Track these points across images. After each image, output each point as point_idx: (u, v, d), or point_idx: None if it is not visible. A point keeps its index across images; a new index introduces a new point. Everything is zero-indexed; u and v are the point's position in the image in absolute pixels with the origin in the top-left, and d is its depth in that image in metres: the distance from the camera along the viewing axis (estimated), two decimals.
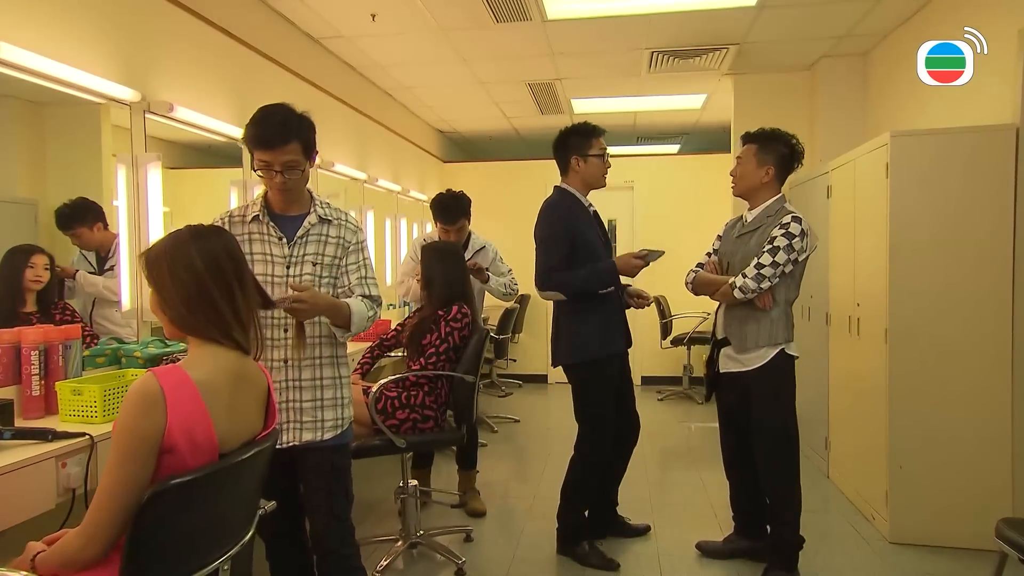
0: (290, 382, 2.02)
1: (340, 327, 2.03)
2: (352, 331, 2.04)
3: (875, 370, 3.29)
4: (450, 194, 3.69)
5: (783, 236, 2.63)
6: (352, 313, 2.01)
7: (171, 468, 1.32)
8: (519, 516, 3.59)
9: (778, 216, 2.72)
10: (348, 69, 4.99)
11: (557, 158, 2.98)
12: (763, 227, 2.74)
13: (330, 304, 1.98)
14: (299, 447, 2.03)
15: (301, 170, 1.97)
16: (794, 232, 2.63)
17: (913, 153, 3.09)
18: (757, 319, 2.71)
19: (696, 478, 4.14)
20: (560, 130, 3.00)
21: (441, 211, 3.65)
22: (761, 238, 2.70)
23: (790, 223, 2.64)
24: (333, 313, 1.99)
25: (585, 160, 2.90)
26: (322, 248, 2.07)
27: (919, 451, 3.09)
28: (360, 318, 2.03)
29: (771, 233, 2.66)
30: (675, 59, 4.94)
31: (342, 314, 2.00)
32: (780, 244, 2.62)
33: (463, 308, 3.05)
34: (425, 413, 2.90)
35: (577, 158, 2.90)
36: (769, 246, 2.64)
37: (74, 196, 2.58)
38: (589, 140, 2.91)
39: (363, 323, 2.05)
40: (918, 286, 3.09)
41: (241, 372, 1.50)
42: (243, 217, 2.07)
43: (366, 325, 2.09)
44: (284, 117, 1.93)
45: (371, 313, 2.09)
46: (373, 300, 2.12)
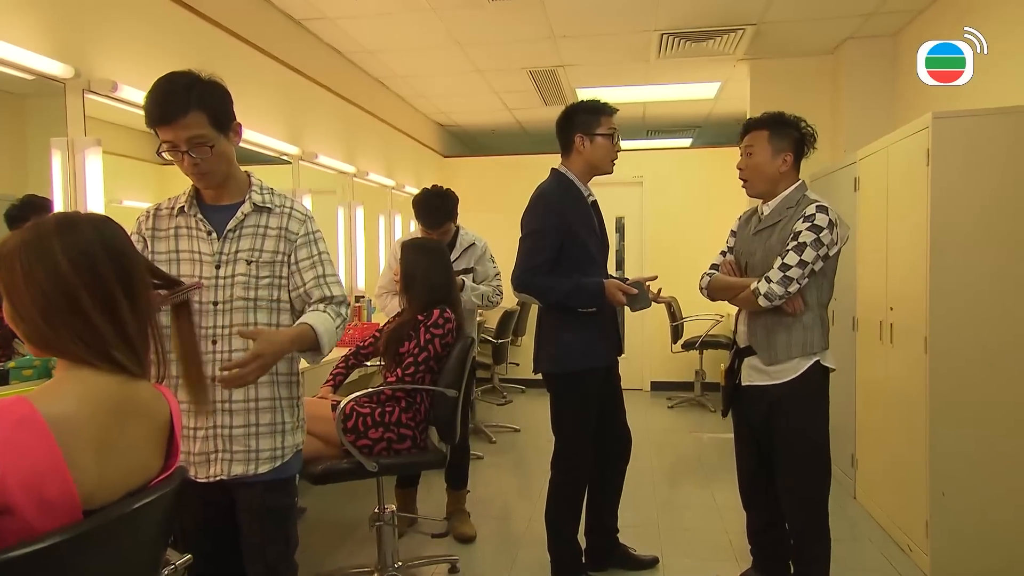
0: (219, 404, 1.68)
1: (310, 350, 1.71)
2: (325, 352, 1.72)
3: (912, 382, 2.92)
4: (435, 191, 3.32)
5: (809, 230, 2.26)
6: (319, 333, 1.67)
7: (11, 536, 0.99)
8: (512, 541, 3.25)
9: (800, 207, 2.35)
10: (334, 54, 4.66)
11: (560, 137, 2.65)
12: (784, 220, 2.37)
13: (294, 337, 1.66)
14: (228, 482, 1.70)
15: (211, 146, 1.62)
16: (821, 224, 2.26)
17: (959, 137, 2.72)
18: (788, 326, 2.34)
19: (709, 498, 3.78)
20: (566, 105, 2.67)
21: (424, 213, 3.27)
22: (783, 234, 2.33)
23: (815, 214, 2.27)
24: (299, 346, 1.68)
25: (591, 140, 2.57)
26: (259, 243, 1.73)
27: (965, 476, 2.71)
28: (330, 335, 1.71)
29: (794, 227, 2.29)
30: (687, 42, 4.58)
31: (308, 340, 1.67)
32: (806, 240, 2.26)
33: (446, 312, 2.71)
34: (401, 432, 2.56)
35: (582, 137, 2.57)
36: (794, 243, 2.27)
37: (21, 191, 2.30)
38: (598, 118, 2.58)
39: (333, 338, 1.73)
40: (963, 288, 2.72)
41: (125, 401, 1.17)
42: (171, 209, 1.75)
43: (336, 338, 1.76)
44: (181, 84, 1.59)
45: (338, 322, 1.76)
46: (336, 303, 1.78)
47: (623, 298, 2.48)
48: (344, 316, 1.79)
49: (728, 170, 6.23)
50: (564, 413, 2.63)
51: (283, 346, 1.63)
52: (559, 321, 2.59)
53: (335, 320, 1.75)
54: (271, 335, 1.64)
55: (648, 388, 6.87)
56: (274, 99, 3.87)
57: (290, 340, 1.65)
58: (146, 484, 1.21)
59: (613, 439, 2.80)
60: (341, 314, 1.78)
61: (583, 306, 2.54)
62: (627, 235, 7.00)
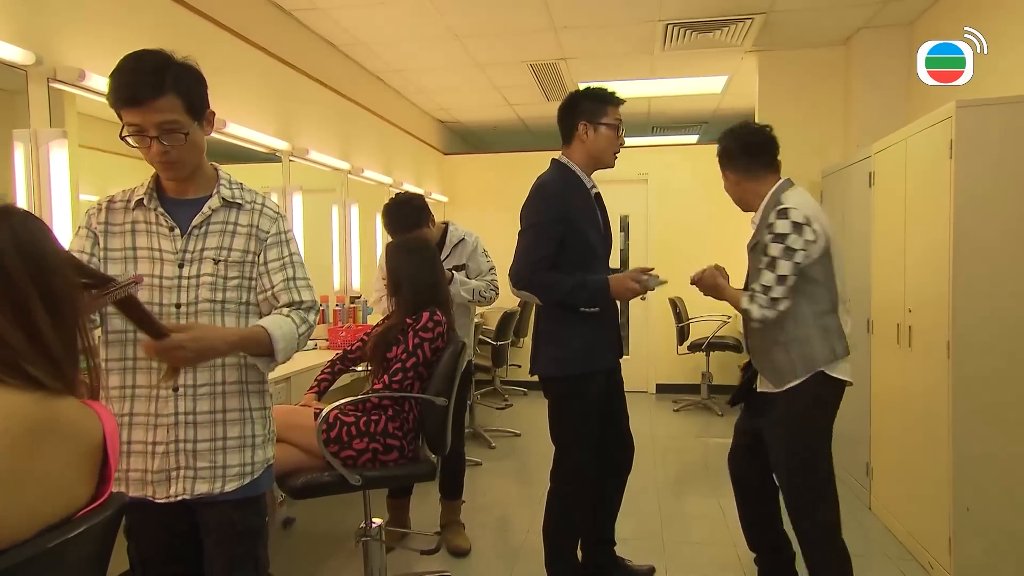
0: (182, 416, 1.52)
1: (263, 355, 1.54)
2: (280, 359, 1.55)
3: (933, 389, 2.74)
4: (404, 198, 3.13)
5: (774, 242, 2.11)
6: (274, 338, 1.51)
7: None
8: (509, 555, 3.09)
9: (766, 213, 2.20)
10: (327, 46, 4.50)
11: (562, 124, 2.51)
12: (761, 230, 2.22)
13: (236, 340, 1.50)
14: (191, 501, 1.54)
15: (185, 133, 1.46)
16: (783, 231, 2.09)
17: (985, 127, 2.54)
18: (783, 345, 2.18)
19: (715, 508, 3.61)
20: (570, 92, 2.52)
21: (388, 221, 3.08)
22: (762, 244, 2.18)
23: (775, 222, 2.12)
24: (244, 348, 1.52)
25: (595, 129, 2.43)
26: (227, 241, 1.57)
27: (991, 489, 2.54)
28: (288, 341, 1.54)
29: (764, 241, 2.15)
30: (693, 33, 4.40)
31: (258, 342, 1.51)
32: (775, 253, 2.10)
33: (436, 315, 2.55)
34: (388, 442, 2.40)
35: (586, 124, 2.43)
36: (766, 259, 2.12)
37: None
38: (604, 107, 2.45)
39: (292, 344, 1.56)
40: (989, 288, 2.54)
41: (43, 422, 1.01)
42: (126, 202, 1.59)
43: (298, 345, 1.59)
44: (155, 63, 1.43)
45: (303, 328, 1.60)
46: (304, 308, 1.62)
47: (635, 287, 2.35)
48: (311, 323, 1.63)
49: None
50: (565, 420, 2.45)
51: (226, 338, 1.47)
52: (561, 320, 2.42)
53: (299, 326, 1.59)
54: (203, 326, 1.49)
55: (653, 391, 6.69)
56: (262, 92, 3.72)
57: (238, 337, 1.50)
58: (71, 516, 1.05)
59: (616, 448, 2.63)
60: (308, 320, 1.62)
61: (586, 305, 2.39)
62: (632, 234, 6.82)
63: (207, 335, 1.42)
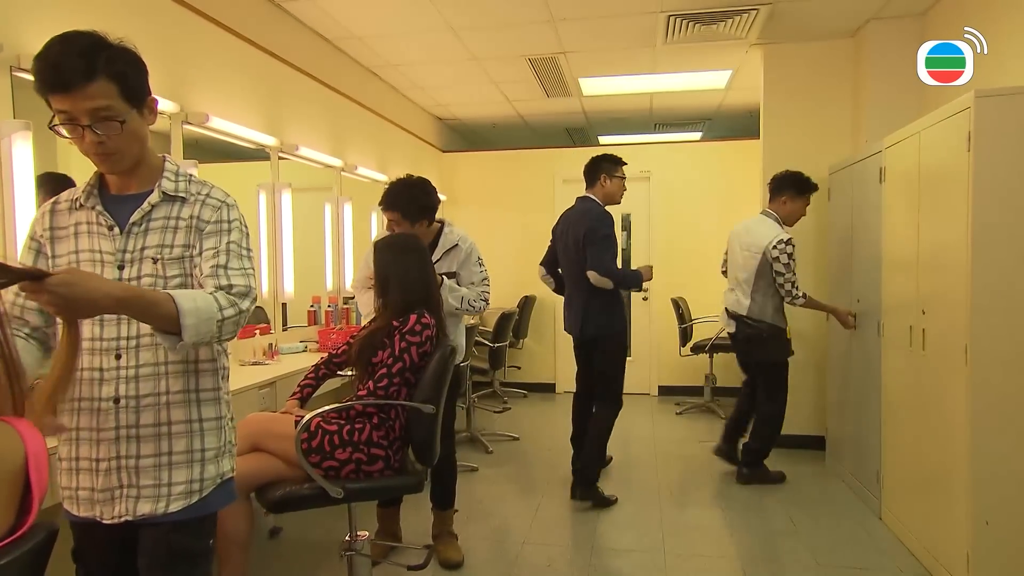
0: (123, 430, 1.39)
1: (168, 332, 1.29)
2: (188, 338, 1.28)
3: (949, 395, 2.60)
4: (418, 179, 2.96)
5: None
6: (183, 310, 1.26)
7: None
8: (503, 567, 2.95)
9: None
10: (319, 40, 4.37)
11: (588, 175, 3.70)
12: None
13: (125, 296, 1.22)
14: (135, 523, 1.41)
15: (121, 122, 1.32)
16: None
17: (1006, 118, 2.40)
18: None
19: (720, 518, 3.47)
20: (593, 156, 3.74)
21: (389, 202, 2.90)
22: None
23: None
24: (137, 310, 1.26)
25: (611, 179, 3.66)
26: (168, 237, 1.43)
27: (1012, 503, 2.40)
28: (203, 320, 1.29)
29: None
30: (696, 25, 4.26)
31: (160, 312, 1.25)
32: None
33: (424, 318, 2.41)
34: (372, 452, 2.27)
35: (606, 176, 3.65)
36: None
37: None
38: (618, 166, 3.68)
39: (211, 326, 1.31)
40: (1010, 289, 2.40)
41: None
42: (71, 202, 1.46)
43: (217, 329, 1.33)
44: (84, 45, 1.28)
45: (229, 312, 1.35)
46: (236, 293, 1.39)
47: (651, 275, 3.68)
48: (242, 309, 1.39)
49: (739, 163, 6.00)
50: (613, 363, 3.65)
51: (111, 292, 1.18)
52: (607, 298, 3.57)
53: (224, 308, 1.34)
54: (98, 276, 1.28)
55: (655, 393, 6.55)
56: (249, 86, 3.59)
57: (130, 294, 1.23)
58: None
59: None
60: (236, 304, 1.37)
61: (632, 287, 3.69)
62: (634, 233, 6.68)
63: (81, 281, 1.15)
